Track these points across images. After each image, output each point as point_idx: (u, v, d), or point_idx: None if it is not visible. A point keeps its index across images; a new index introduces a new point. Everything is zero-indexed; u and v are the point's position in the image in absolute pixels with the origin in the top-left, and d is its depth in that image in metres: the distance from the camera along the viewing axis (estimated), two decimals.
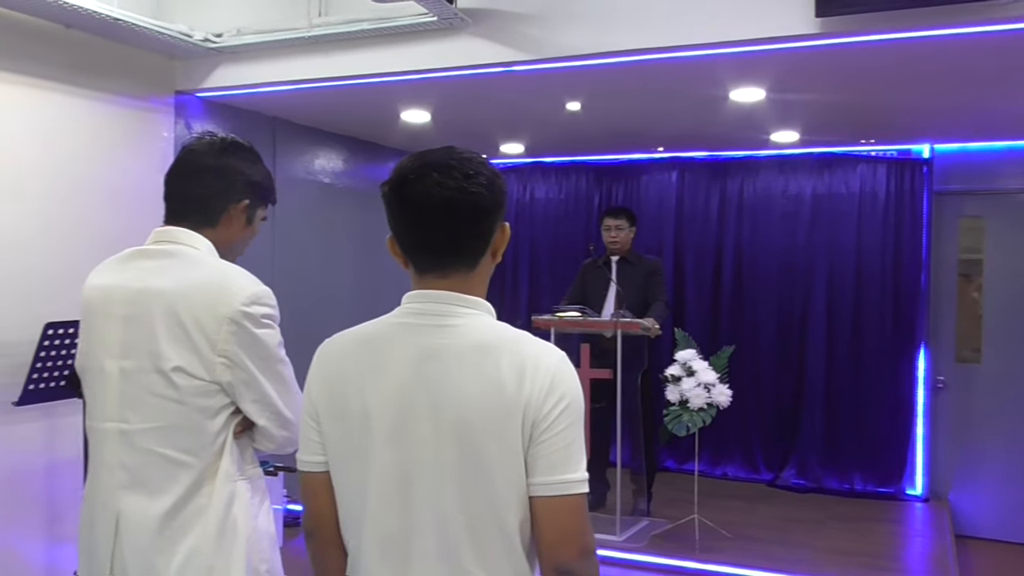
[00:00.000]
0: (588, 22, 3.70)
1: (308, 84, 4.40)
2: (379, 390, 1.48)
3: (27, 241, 3.89)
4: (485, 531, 1.43)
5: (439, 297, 1.50)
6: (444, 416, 1.43)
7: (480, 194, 1.47)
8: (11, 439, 3.82)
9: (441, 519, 1.44)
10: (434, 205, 1.46)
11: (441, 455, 1.43)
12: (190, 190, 1.99)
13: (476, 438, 1.41)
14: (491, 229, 1.52)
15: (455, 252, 1.50)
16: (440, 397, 1.44)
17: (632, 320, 5.10)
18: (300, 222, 5.64)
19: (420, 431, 1.44)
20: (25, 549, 3.90)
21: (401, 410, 1.46)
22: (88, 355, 1.98)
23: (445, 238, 1.49)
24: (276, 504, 4.78)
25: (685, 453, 6.62)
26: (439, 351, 1.46)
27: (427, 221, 1.47)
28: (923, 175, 6.22)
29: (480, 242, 1.52)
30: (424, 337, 1.48)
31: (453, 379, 1.44)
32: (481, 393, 1.42)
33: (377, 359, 1.50)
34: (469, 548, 1.43)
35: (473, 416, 1.42)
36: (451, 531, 1.43)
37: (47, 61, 3.97)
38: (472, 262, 1.52)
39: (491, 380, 1.42)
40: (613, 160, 7.16)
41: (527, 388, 1.41)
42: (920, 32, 3.32)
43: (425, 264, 1.51)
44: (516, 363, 1.42)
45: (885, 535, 5.56)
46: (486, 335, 1.47)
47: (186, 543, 1.86)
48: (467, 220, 1.48)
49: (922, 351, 6.23)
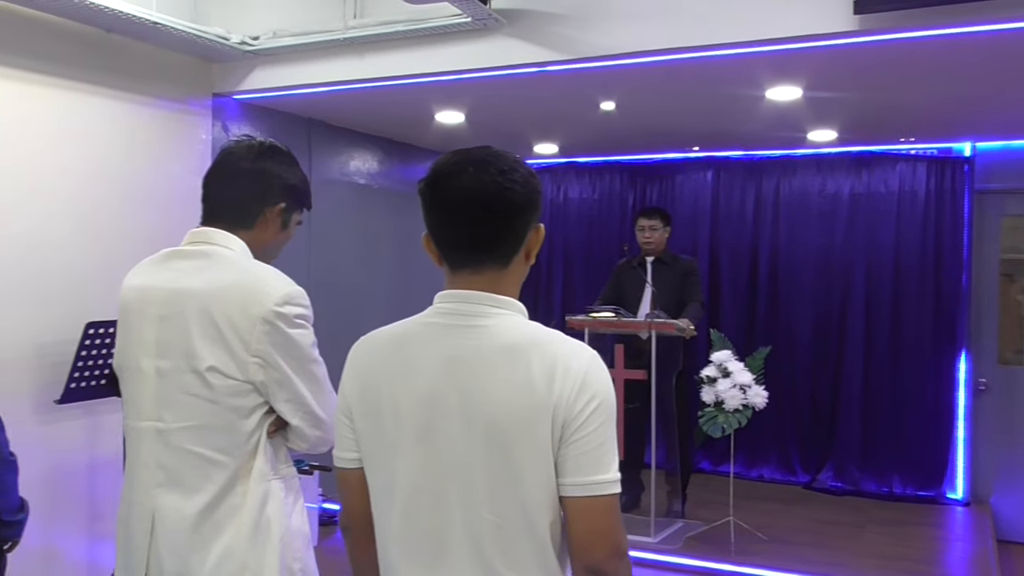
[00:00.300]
0: (623, 21, 3.68)
1: (343, 86, 4.42)
2: (409, 390, 1.48)
3: (68, 242, 3.95)
4: (514, 532, 1.43)
5: (470, 297, 1.50)
6: (474, 416, 1.43)
7: (515, 190, 1.48)
8: (53, 437, 3.88)
9: (471, 519, 1.44)
10: (469, 199, 1.47)
11: (471, 455, 1.43)
12: (227, 192, 2.01)
13: (506, 439, 1.41)
14: (525, 227, 1.52)
15: (488, 248, 1.50)
16: (470, 397, 1.43)
17: (667, 320, 5.07)
18: (335, 223, 5.67)
19: (450, 431, 1.44)
20: (67, 546, 3.96)
21: (431, 410, 1.46)
22: (125, 354, 2.00)
23: (479, 234, 1.49)
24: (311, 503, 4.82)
25: (720, 455, 6.58)
26: (469, 351, 1.46)
27: (462, 216, 1.48)
28: (964, 173, 6.12)
29: (513, 240, 1.51)
30: (454, 337, 1.48)
31: (483, 380, 1.43)
32: (511, 393, 1.41)
33: (408, 359, 1.50)
34: (498, 549, 1.43)
35: (503, 417, 1.41)
36: (481, 531, 1.43)
37: (88, 65, 4.03)
38: (505, 260, 1.51)
39: (521, 380, 1.41)
40: (647, 160, 7.12)
41: (557, 388, 1.40)
42: (960, 28, 3.26)
43: (458, 260, 1.51)
44: (547, 363, 1.42)
45: (925, 539, 5.48)
46: (517, 335, 1.46)
47: (220, 542, 1.87)
48: (501, 215, 1.48)
49: (963, 353, 6.13)
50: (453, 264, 1.52)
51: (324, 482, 5.14)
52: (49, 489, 3.85)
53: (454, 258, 1.52)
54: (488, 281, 1.51)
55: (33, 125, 3.83)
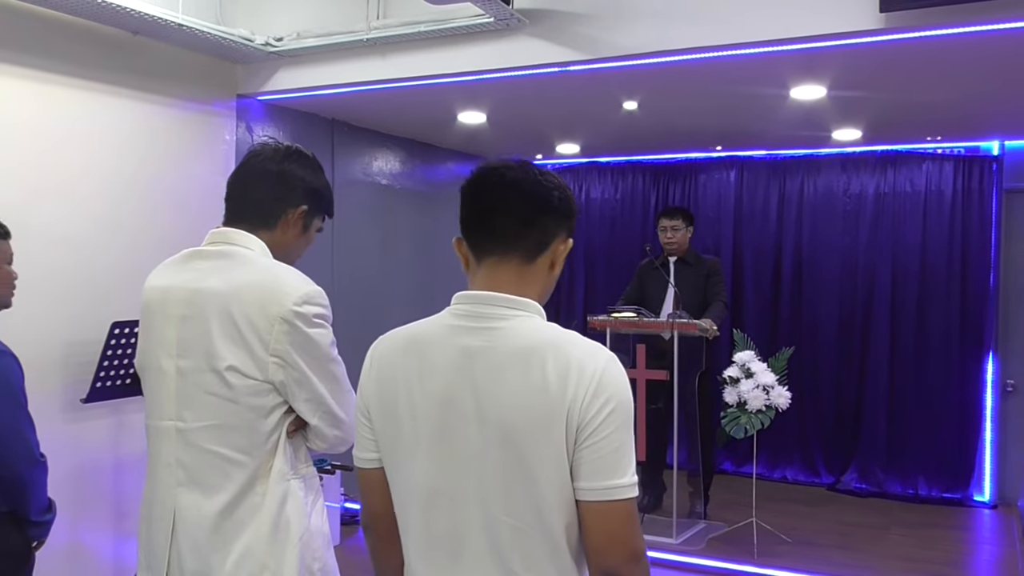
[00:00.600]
0: (645, 21, 3.67)
1: (366, 86, 4.44)
2: (425, 391, 1.48)
3: (94, 242, 3.98)
4: (530, 534, 1.43)
5: (487, 298, 1.50)
6: (489, 419, 1.43)
7: (551, 190, 1.53)
8: (79, 436, 3.92)
9: (488, 520, 1.44)
10: (508, 186, 1.51)
11: (486, 458, 1.43)
12: (251, 193, 2.03)
13: (521, 441, 1.41)
14: (554, 229, 1.54)
15: (516, 237, 1.51)
16: (485, 399, 1.43)
17: (689, 321, 5.05)
18: (358, 223, 5.69)
19: (466, 433, 1.45)
20: (93, 544, 3.99)
21: (447, 411, 1.46)
22: (147, 354, 2.02)
23: (510, 221, 1.51)
24: (333, 502, 4.84)
25: (743, 456, 6.55)
26: (485, 353, 1.46)
27: (498, 200, 1.51)
28: (992, 172, 6.06)
29: (541, 236, 1.53)
30: (470, 339, 1.48)
31: (498, 382, 1.43)
32: (526, 396, 1.41)
33: (424, 359, 1.50)
34: (515, 550, 1.43)
35: (517, 419, 1.41)
36: (498, 533, 1.43)
37: (113, 67, 4.06)
38: (530, 255, 1.52)
39: (536, 383, 1.41)
40: (670, 159, 7.10)
41: (571, 391, 1.39)
42: (988, 25, 3.22)
43: (486, 248, 1.53)
44: (561, 365, 1.41)
45: (951, 542, 5.43)
46: (533, 337, 1.46)
47: (240, 541, 1.88)
48: (534, 207, 1.51)
49: (990, 353, 6.06)
50: (480, 253, 1.53)
51: (346, 481, 5.16)
52: (76, 488, 3.89)
53: (483, 246, 1.53)
54: (512, 274, 1.52)
55: (59, 127, 3.86)
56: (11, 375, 2.53)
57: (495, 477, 1.43)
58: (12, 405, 2.52)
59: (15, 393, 2.53)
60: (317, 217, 2.11)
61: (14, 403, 2.53)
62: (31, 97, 3.75)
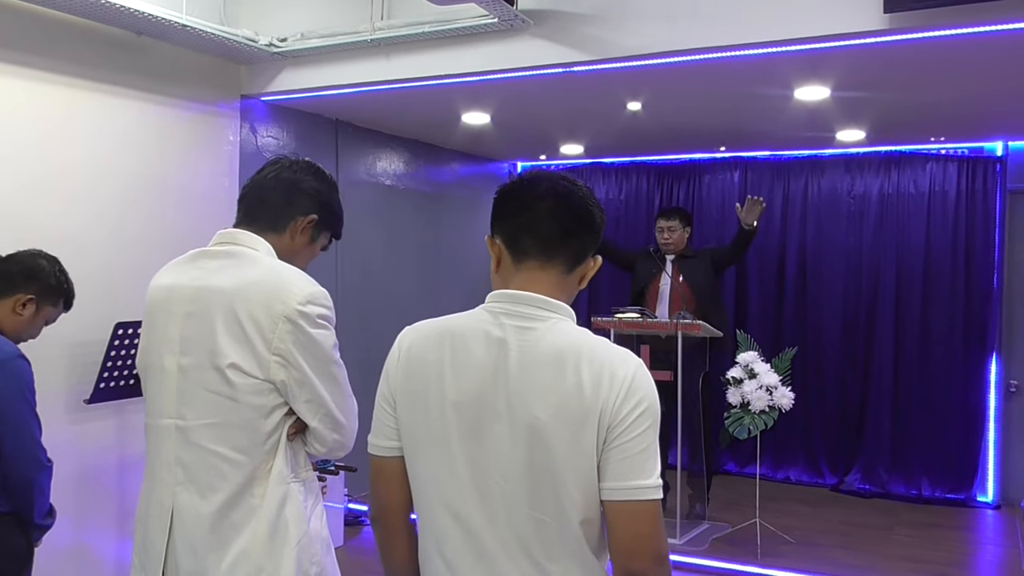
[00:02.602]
0: (650, 21, 3.67)
1: (371, 87, 4.44)
2: (459, 384, 1.50)
3: (98, 242, 3.99)
4: (552, 527, 1.45)
5: (523, 298, 1.53)
6: (519, 416, 1.45)
7: (591, 204, 1.58)
8: (83, 436, 3.92)
9: (513, 513, 1.46)
10: (560, 195, 1.55)
11: (515, 455, 1.45)
12: (265, 196, 2.05)
13: (550, 439, 1.43)
14: (590, 244, 1.59)
15: (561, 244, 1.55)
16: (517, 397, 1.46)
17: (693, 322, 5.05)
18: (362, 224, 5.69)
19: (495, 428, 1.47)
20: (96, 544, 4.00)
21: (479, 408, 1.48)
22: (149, 353, 2.02)
23: (558, 229, 1.54)
24: (337, 503, 4.84)
25: (747, 456, 6.55)
26: (521, 351, 1.48)
27: (546, 207, 1.54)
28: (996, 173, 6.05)
29: (580, 248, 1.57)
30: (507, 336, 1.50)
31: (531, 380, 1.46)
32: (558, 396, 1.44)
33: (459, 353, 1.52)
34: (538, 542, 1.46)
35: (548, 419, 1.43)
36: (522, 525, 1.46)
37: (117, 67, 4.07)
38: (569, 265, 1.56)
39: (569, 385, 1.44)
40: (674, 160, 7.09)
41: (604, 393, 1.43)
42: (992, 25, 3.22)
43: (528, 251, 1.55)
44: (595, 369, 1.44)
45: (955, 542, 5.42)
46: (567, 340, 1.49)
47: (237, 543, 1.88)
48: (580, 219, 1.56)
49: (994, 354, 6.06)
50: (521, 257, 1.56)
51: (350, 482, 5.16)
52: (79, 488, 3.89)
53: (525, 250, 1.55)
54: (552, 281, 1.55)
55: (63, 127, 3.87)
56: (24, 377, 2.56)
57: (522, 472, 1.45)
58: (24, 407, 2.54)
59: (27, 395, 2.56)
60: (324, 233, 2.13)
61: (26, 406, 2.55)
62: (35, 97, 3.76)
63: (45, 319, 2.77)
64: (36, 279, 2.70)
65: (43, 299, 2.72)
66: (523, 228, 1.56)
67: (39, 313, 2.72)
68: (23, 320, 2.67)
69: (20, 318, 2.66)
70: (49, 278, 2.73)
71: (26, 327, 2.71)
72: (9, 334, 2.65)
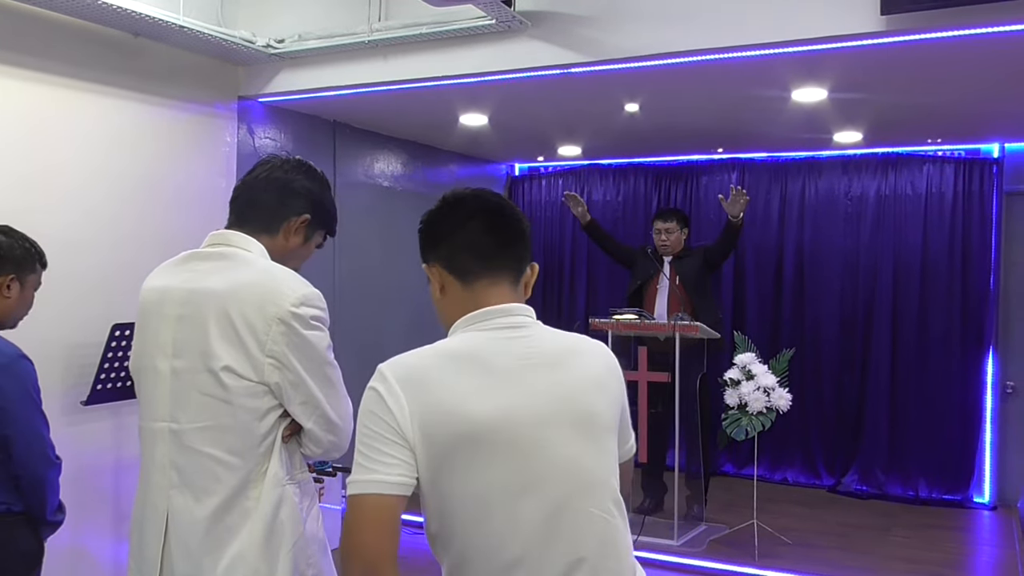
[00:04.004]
0: (647, 23, 3.67)
1: (368, 88, 4.44)
2: (497, 402, 1.48)
3: (95, 244, 3.98)
4: (616, 520, 1.57)
5: (513, 310, 1.59)
6: (562, 411, 1.52)
7: (519, 213, 1.65)
8: (80, 438, 3.91)
9: (577, 512, 1.51)
10: (490, 207, 1.61)
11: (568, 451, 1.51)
12: (256, 197, 2.04)
13: (598, 430, 1.56)
14: (526, 253, 1.65)
15: (501, 256, 1.59)
16: (554, 392, 1.52)
17: (691, 323, 5.06)
18: (360, 225, 5.69)
19: (546, 434, 1.50)
20: (93, 546, 3.99)
21: (523, 413, 1.50)
22: (142, 355, 2.01)
23: (492, 243, 1.59)
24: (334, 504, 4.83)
25: (744, 458, 6.55)
26: (540, 358, 1.55)
27: (481, 224, 1.58)
28: (993, 175, 6.07)
29: (518, 256, 1.63)
30: (519, 347, 1.55)
31: (567, 380, 1.54)
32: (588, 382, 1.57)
33: (487, 372, 1.51)
34: (601, 540, 1.54)
35: (591, 405, 1.56)
36: (589, 523, 1.53)
37: (115, 68, 4.07)
38: (514, 277, 1.62)
39: (596, 375, 1.59)
40: (671, 161, 7.10)
41: (617, 379, 1.64)
42: (989, 28, 3.23)
43: (472, 269, 1.58)
44: (609, 359, 1.64)
45: (951, 543, 5.43)
46: (566, 338, 1.62)
47: (233, 546, 1.87)
48: (513, 228, 1.61)
49: (990, 355, 6.07)
50: (465, 276, 1.58)
51: None
52: (76, 490, 3.88)
53: (469, 269, 1.58)
54: (507, 293, 1.60)
55: (60, 128, 3.86)
56: (29, 378, 2.55)
57: (582, 468, 1.52)
58: (31, 407, 2.54)
59: (33, 395, 2.56)
60: (318, 231, 2.12)
61: (32, 405, 2.55)
62: (32, 98, 3.75)
63: (33, 288, 2.72)
64: (6, 259, 2.63)
65: (22, 273, 2.65)
66: (461, 248, 1.59)
67: (24, 287, 2.67)
68: (12, 301, 2.62)
69: (9, 300, 2.62)
70: (15, 251, 2.65)
71: (17, 306, 2.66)
72: (5, 319, 2.64)
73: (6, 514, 2.53)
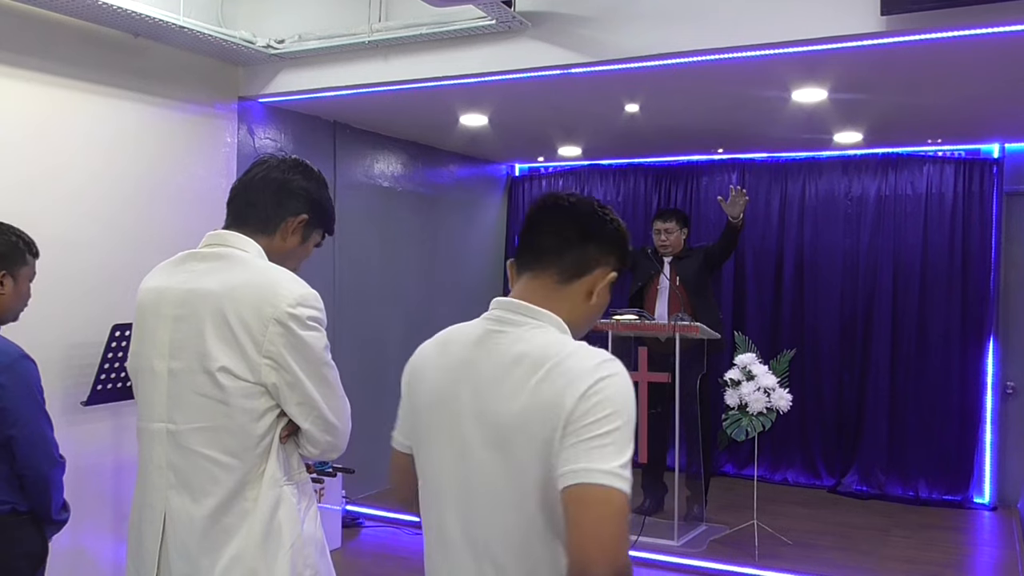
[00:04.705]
0: (647, 23, 3.67)
1: (368, 88, 4.44)
2: (436, 385, 1.58)
3: (95, 244, 3.98)
4: (519, 531, 1.47)
5: (511, 305, 1.57)
6: (486, 417, 1.49)
7: (600, 216, 1.60)
8: (80, 438, 3.91)
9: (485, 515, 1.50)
10: (560, 207, 1.61)
11: (479, 455, 1.48)
12: (253, 197, 2.03)
13: (514, 441, 1.44)
14: (595, 254, 1.58)
15: (554, 256, 1.57)
16: (480, 398, 1.50)
17: (691, 324, 5.06)
18: (360, 226, 5.70)
19: (461, 429, 1.52)
20: (93, 547, 3.99)
21: (447, 406, 1.55)
22: (139, 356, 2.01)
23: (550, 241, 1.58)
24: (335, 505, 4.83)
25: (744, 458, 6.55)
26: (484, 356, 1.53)
27: (544, 220, 1.61)
28: (993, 175, 6.06)
29: (579, 258, 1.57)
30: (483, 340, 1.56)
31: (495, 382, 1.49)
32: (519, 399, 1.44)
33: (444, 356, 1.61)
34: (505, 548, 1.48)
35: (511, 420, 1.45)
36: (492, 529, 1.49)
37: (115, 69, 4.07)
38: (565, 276, 1.57)
39: (529, 388, 1.43)
40: (672, 162, 7.10)
41: (562, 399, 1.38)
42: (989, 28, 3.23)
43: (526, 262, 1.61)
44: (556, 374, 1.41)
45: (951, 544, 5.43)
46: (533, 345, 1.48)
47: (231, 547, 1.87)
48: (576, 226, 1.58)
49: (991, 355, 6.06)
50: (521, 269, 1.62)
51: (348, 484, 5.16)
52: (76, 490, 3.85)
53: (524, 262, 1.62)
54: (542, 291, 1.57)
55: (60, 128, 3.87)
56: (31, 377, 2.55)
57: (486, 476, 1.48)
58: (34, 407, 2.54)
59: (36, 395, 2.56)
60: (316, 231, 2.11)
61: (35, 405, 2.55)
62: (32, 99, 3.75)
63: (27, 280, 2.68)
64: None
65: (12, 267, 2.62)
66: (523, 242, 1.63)
67: (18, 280, 2.63)
68: (7, 296, 2.60)
69: (3, 296, 2.60)
70: (3, 246, 2.62)
71: (13, 300, 2.63)
72: (5, 314, 2.63)
73: (11, 514, 2.54)
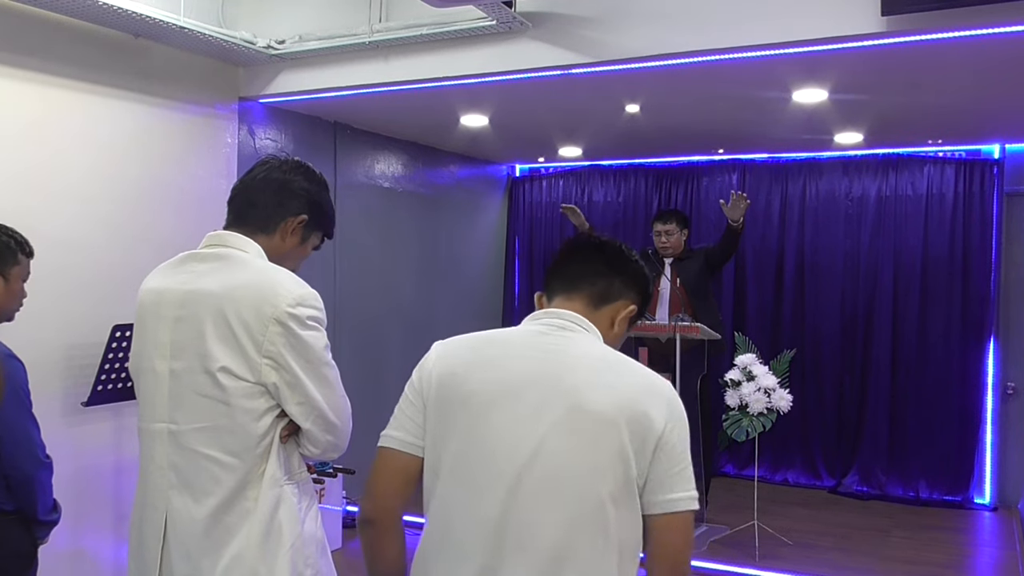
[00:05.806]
0: (648, 24, 3.67)
1: (369, 89, 4.44)
2: (500, 376, 1.62)
3: (95, 245, 3.98)
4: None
5: (563, 315, 1.69)
6: (571, 399, 1.56)
7: (627, 254, 1.77)
8: (81, 439, 3.92)
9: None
10: (592, 243, 1.79)
11: (552, 444, 1.55)
12: (253, 197, 2.04)
13: (593, 431, 1.54)
14: (619, 287, 1.74)
15: (583, 282, 1.72)
16: (561, 388, 1.57)
17: (691, 324, 5.06)
18: (360, 226, 5.70)
19: (545, 417, 1.57)
20: (94, 547, 3.99)
21: (524, 398, 1.59)
22: (140, 356, 2.01)
23: (579, 269, 1.74)
24: (335, 506, 4.83)
25: (745, 458, 6.55)
26: (561, 350, 1.62)
27: (575, 252, 1.78)
28: (993, 176, 6.06)
29: (606, 287, 1.72)
30: (549, 340, 1.65)
31: (575, 376, 1.58)
32: (610, 392, 1.56)
33: (503, 350, 1.66)
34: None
35: (601, 408, 1.55)
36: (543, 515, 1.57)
37: (115, 69, 4.07)
38: (593, 302, 1.72)
39: (623, 385, 1.58)
40: (672, 162, 7.10)
41: (657, 417, 1.57)
42: (990, 29, 3.22)
43: (556, 288, 1.75)
44: (637, 380, 1.61)
45: (952, 544, 5.43)
46: (599, 348, 1.66)
47: (231, 547, 1.87)
48: (605, 258, 1.75)
49: (991, 356, 6.06)
50: (551, 295, 1.75)
51: (348, 485, 5.16)
52: (77, 490, 3.89)
53: (554, 288, 1.75)
54: (577, 310, 1.70)
55: (61, 129, 3.86)
56: (18, 378, 2.55)
57: (554, 457, 1.55)
58: (19, 408, 2.54)
59: (22, 396, 2.56)
60: (315, 232, 2.12)
61: (21, 406, 2.55)
62: (33, 99, 3.75)
63: (21, 279, 2.66)
64: None
65: (5, 265, 2.60)
66: (558, 272, 1.77)
67: (10, 280, 2.61)
68: (1, 297, 2.61)
69: None
70: None
71: (6, 300, 2.62)
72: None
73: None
